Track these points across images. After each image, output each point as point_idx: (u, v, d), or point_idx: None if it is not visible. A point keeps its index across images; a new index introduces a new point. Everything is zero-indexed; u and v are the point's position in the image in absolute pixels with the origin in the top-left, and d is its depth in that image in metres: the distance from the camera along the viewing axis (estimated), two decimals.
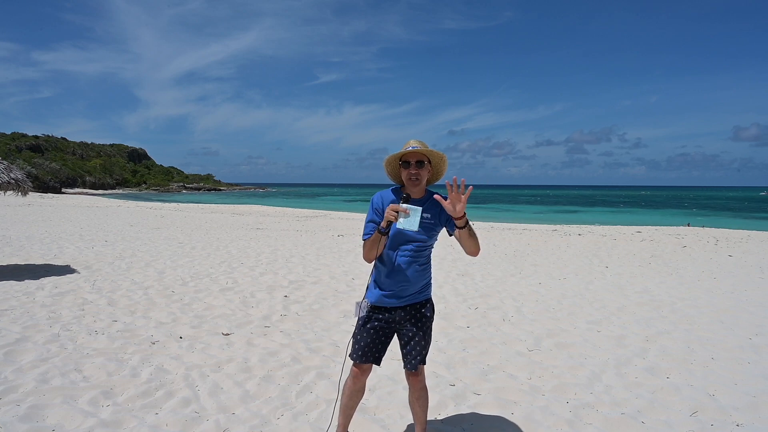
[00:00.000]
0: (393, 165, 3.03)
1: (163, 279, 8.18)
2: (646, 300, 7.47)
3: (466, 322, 6.17)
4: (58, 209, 27.91)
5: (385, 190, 3.04)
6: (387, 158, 3.00)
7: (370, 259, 2.93)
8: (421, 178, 2.89)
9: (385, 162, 3.03)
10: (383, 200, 2.96)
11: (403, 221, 2.71)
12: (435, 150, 2.92)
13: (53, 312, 6.03)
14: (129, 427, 3.42)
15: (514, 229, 21.52)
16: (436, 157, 2.98)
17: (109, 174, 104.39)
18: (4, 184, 8.71)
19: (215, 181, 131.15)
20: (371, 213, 2.96)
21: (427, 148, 2.91)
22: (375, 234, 2.83)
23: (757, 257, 12.32)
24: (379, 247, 2.86)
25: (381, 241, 2.83)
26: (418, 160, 2.88)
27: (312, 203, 58.70)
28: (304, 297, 7.26)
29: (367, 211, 2.99)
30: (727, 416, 3.77)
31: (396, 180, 3.09)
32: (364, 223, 2.98)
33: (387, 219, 2.75)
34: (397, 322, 3.01)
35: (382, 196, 2.98)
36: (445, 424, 3.60)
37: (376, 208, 2.95)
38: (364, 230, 2.94)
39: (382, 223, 2.78)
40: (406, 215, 2.70)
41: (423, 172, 2.90)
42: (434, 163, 3.01)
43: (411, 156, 2.89)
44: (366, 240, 2.89)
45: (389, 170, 3.06)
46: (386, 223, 2.77)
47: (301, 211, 37.24)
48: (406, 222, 2.71)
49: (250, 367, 4.52)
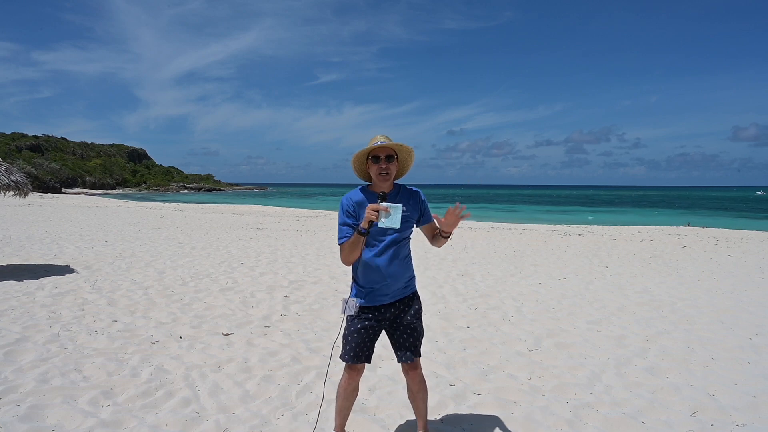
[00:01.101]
0: (360, 161, 3.01)
1: (163, 279, 8.18)
2: (646, 300, 7.47)
3: (466, 322, 6.17)
4: (58, 209, 27.92)
5: (352, 191, 3.02)
6: (355, 154, 2.97)
7: (350, 262, 2.92)
8: (390, 173, 2.91)
9: (353, 158, 3.01)
10: (353, 201, 2.94)
11: (384, 220, 2.73)
12: (404, 144, 2.94)
13: (53, 312, 6.03)
14: (129, 427, 3.42)
15: (514, 229, 21.52)
16: (404, 152, 3.00)
17: (109, 174, 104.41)
18: (5, 186, 8.72)
19: (215, 181, 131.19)
20: (343, 216, 2.93)
21: (395, 143, 2.92)
22: (355, 235, 2.82)
23: (757, 257, 12.32)
24: (359, 248, 2.86)
25: (360, 242, 2.83)
26: (388, 155, 2.90)
27: (312, 203, 58.70)
28: (304, 297, 7.26)
29: (340, 216, 2.95)
30: (727, 416, 3.77)
31: (363, 176, 3.08)
32: (337, 229, 2.96)
33: (368, 219, 2.76)
34: (387, 319, 3.02)
35: (351, 197, 2.96)
36: (445, 424, 3.60)
37: (347, 211, 2.93)
38: (339, 234, 2.92)
39: (363, 224, 2.78)
40: (387, 214, 2.72)
41: (392, 167, 2.92)
42: (401, 157, 3.03)
43: (380, 151, 2.90)
44: (344, 243, 2.87)
45: (356, 166, 3.04)
46: (367, 224, 2.77)
47: (301, 211, 37.23)
48: (388, 220, 2.73)
49: (250, 367, 4.52)
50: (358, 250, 2.86)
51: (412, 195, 3.02)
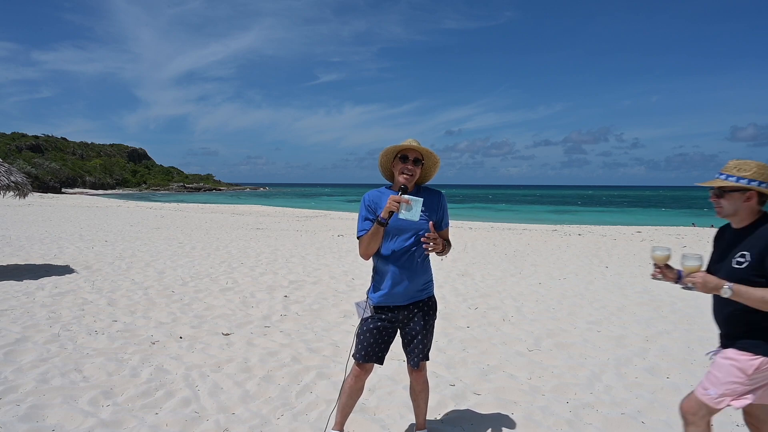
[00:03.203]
0: (388, 157, 3.04)
1: (163, 279, 8.18)
2: (646, 300, 7.47)
3: (466, 322, 6.17)
4: (58, 209, 27.92)
5: (374, 189, 3.08)
6: (386, 149, 3.01)
7: (369, 255, 2.95)
8: (414, 175, 2.94)
9: (381, 153, 3.04)
10: (374, 198, 3.00)
11: (404, 212, 2.75)
12: (434, 152, 2.97)
13: (53, 312, 6.03)
14: (129, 427, 3.42)
15: (514, 229, 21.53)
16: (431, 159, 3.03)
17: (109, 174, 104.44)
18: (5, 186, 8.72)
19: (215, 181, 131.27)
20: (364, 211, 2.99)
21: (426, 148, 2.97)
22: (375, 226, 2.85)
23: None
24: (378, 239, 2.88)
25: (380, 233, 2.86)
26: (416, 158, 2.95)
27: (312, 203, 58.71)
28: (304, 297, 7.26)
29: (360, 211, 3.02)
30: (727, 416, 3.77)
31: (386, 174, 3.11)
32: (357, 223, 3.01)
33: (388, 209, 2.78)
34: (401, 320, 3.05)
35: (372, 195, 3.02)
36: (445, 424, 3.60)
37: (368, 206, 2.98)
38: (360, 227, 2.97)
39: (383, 213, 2.81)
40: (409, 206, 2.74)
41: (417, 170, 2.96)
42: (427, 164, 3.06)
43: (410, 152, 2.95)
44: (363, 235, 2.92)
45: (383, 161, 3.07)
46: (387, 213, 2.80)
47: (300, 211, 37.24)
48: (408, 213, 2.75)
49: (250, 367, 4.52)
50: (376, 242, 2.89)
51: (432, 194, 3.05)
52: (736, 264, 2.42)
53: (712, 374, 2.55)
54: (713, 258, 2.65)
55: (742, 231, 2.50)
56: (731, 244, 2.52)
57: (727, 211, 2.52)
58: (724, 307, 2.53)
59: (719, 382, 2.49)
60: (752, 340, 2.44)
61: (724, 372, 2.48)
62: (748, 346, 2.44)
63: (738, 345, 2.49)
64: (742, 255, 2.41)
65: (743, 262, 2.40)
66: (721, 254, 2.56)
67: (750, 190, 2.43)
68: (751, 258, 2.38)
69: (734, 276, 2.40)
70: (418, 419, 3.32)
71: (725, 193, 2.49)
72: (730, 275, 2.42)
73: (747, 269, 2.38)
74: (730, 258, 2.47)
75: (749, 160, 2.48)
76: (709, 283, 2.38)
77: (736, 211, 2.49)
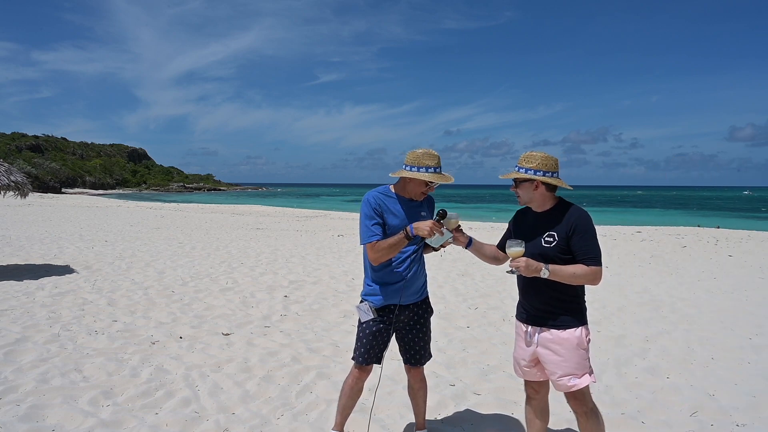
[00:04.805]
0: (414, 177, 2.91)
1: (163, 279, 8.18)
2: (646, 300, 7.47)
3: (466, 322, 6.17)
4: (58, 209, 27.93)
5: (375, 189, 3.03)
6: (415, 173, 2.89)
7: (382, 261, 2.93)
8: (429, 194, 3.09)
9: (413, 160, 2.90)
10: (380, 201, 2.96)
11: (433, 239, 2.82)
12: (450, 177, 2.99)
13: (53, 312, 6.03)
14: (129, 427, 3.42)
15: None
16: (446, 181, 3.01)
17: (109, 174, 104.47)
18: (5, 186, 8.72)
19: (215, 181, 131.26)
20: (371, 214, 2.91)
21: (449, 177, 2.97)
22: (400, 238, 2.83)
23: (757, 257, 12.31)
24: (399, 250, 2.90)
25: (404, 245, 2.86)
26: None
27: (312, 203, 58.69)
28: (304, 297, 7.26)
29: (365, 213, 2.93)
30: (727, 416, 3.77)
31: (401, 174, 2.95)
32: (362, 224, 2.94)
33: (421, 234, 2.78)
34: (400, 321, 3.08)
35: (378, 198, 2.97)
36: (445, 424, 3.61)
37: (375, 209, 2.93)
38: (367, 232, 2.89)
39: (417, 232, 2.79)
40: (441, 235, 2.81)
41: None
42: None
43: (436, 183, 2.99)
44: (379, 241, 2.87)
45: (407, 176, 2.92)
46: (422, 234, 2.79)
47: (300, 211, 37.24)
48: (434, 239, 2.83)
49: (250, 367, 4.52)
50: (397, 252, 2.90)
51: (432, 200, 3.22)
52: (545, 243, 2.70)
53: None
54: (517, 237, 2.81)
55: (544, 214, 2.77)
56: (535, 225, 2.78)
57: (524, 199, 2.79)
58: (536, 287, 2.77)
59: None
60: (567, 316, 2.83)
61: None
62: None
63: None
64: (551, 235, 2.69)
65: (552, 242, 2.68)
66: (526, 234, 2.78)
67: (534, 180, 2.69)
68: (557, 238, 2.67)
69: (543, 253, 2.68)
70: (418, 419, 3.34)
71: (520, 183, 2.76)
72: (540, 253, 2.68)
73: (554, 248, 2.67)
74: (540, 238, 2.72)
75: (536, 152, 2.72)
76: (531, 266, 2.59)
77: (531, 199, 2.77)
